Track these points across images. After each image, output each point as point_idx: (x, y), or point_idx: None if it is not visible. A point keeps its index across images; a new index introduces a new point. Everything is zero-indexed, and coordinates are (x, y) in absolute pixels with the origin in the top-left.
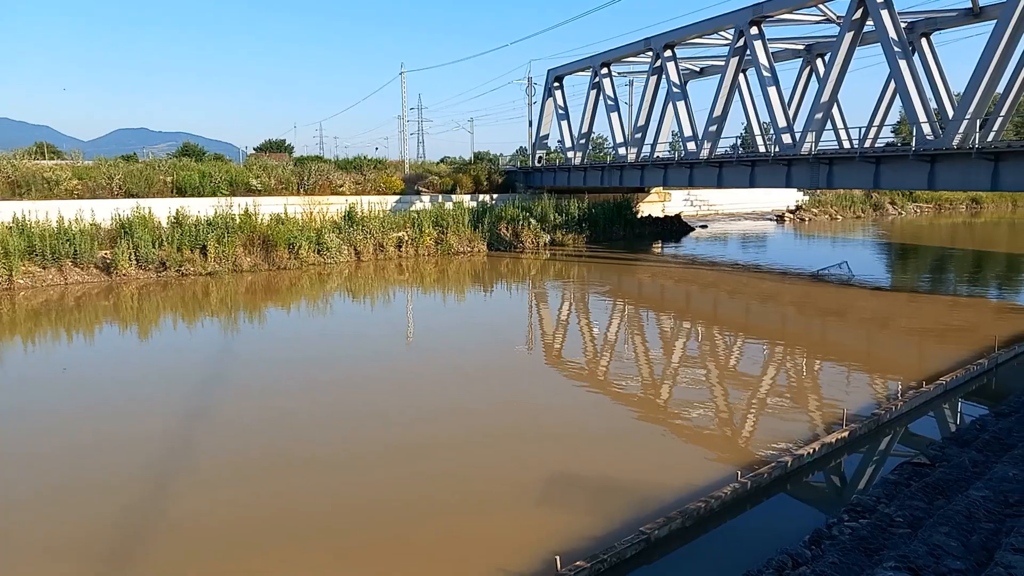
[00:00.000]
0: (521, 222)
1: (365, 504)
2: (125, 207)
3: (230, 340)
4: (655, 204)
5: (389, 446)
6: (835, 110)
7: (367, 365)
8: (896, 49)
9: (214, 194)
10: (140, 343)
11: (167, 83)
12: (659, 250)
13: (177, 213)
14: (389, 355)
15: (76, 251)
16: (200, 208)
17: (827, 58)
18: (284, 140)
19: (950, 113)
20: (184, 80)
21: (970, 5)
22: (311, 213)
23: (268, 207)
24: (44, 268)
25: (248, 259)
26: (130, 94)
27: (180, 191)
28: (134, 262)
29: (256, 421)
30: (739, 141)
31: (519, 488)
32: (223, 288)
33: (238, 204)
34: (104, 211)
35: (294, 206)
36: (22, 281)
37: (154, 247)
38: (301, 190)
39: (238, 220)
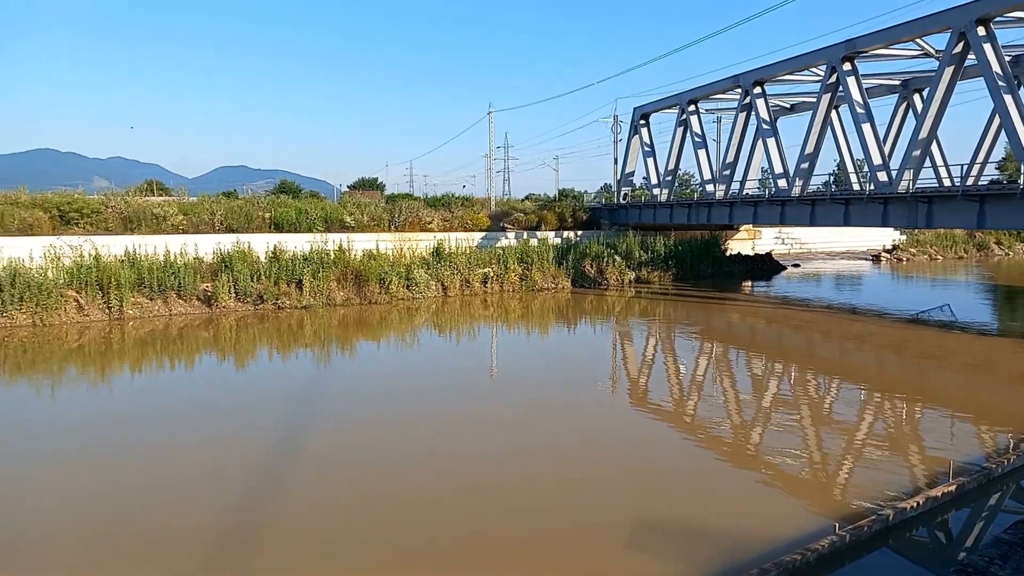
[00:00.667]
0: (606, 259)
1: (451, 543)
2: (226, 242)
3: (322, 372)
4: (744, 242)
5: (472, 484)
6: (934, 147)
7: (451, 401)
8: (1000, 83)
9: (310, 230)
10: (236, 372)
11: (266, 123)
12: (749, 289)
13: (275, 248)
14: (473, 391)
15: (180, 284)
16: (296, 243)
17: (925, 93)
18: (376, 178)
19: None
20: (282, 120)
21: None
22: (401, 249)
23: (361, 243)
24: (151, 299)
25: (341, 293)
26: (231, 134)
27: (277, 227)
28: (233, 295)
29: (347, 455)
30: (832, 178)
31: (606, 530)
32: (317, 321)
33: (332, 240)
34: (206, 245)
35: (385, 242)
36: (131, 311)
37: (252, 281)
38: (392, 226)
39: (332, 255)
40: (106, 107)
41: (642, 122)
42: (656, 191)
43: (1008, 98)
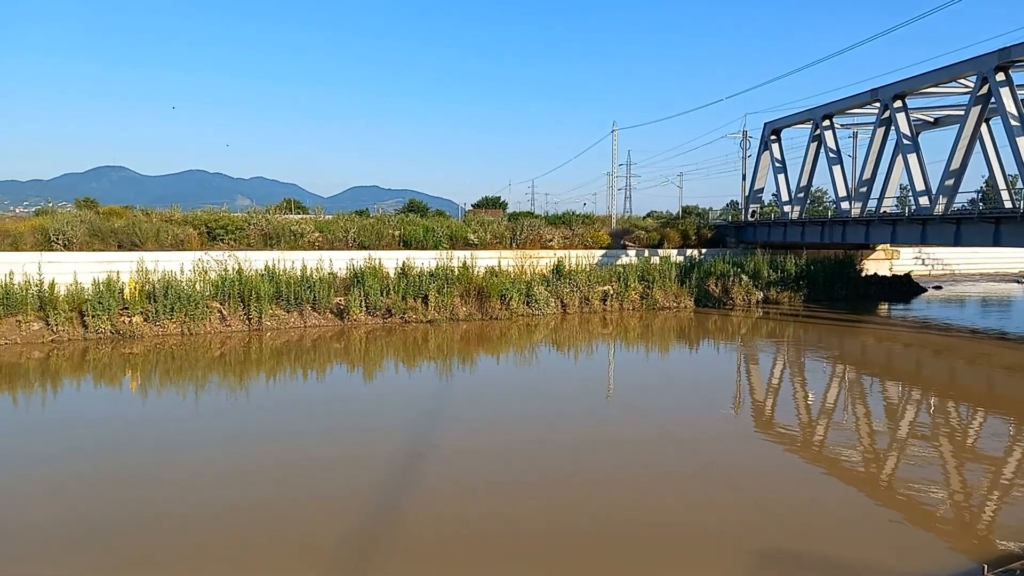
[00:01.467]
0: (731, 278)
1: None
2: (358, 258)
3: (443, 386)
4: (882, 262)
5: (591, 511)
6: None
7: (565, 422)
8: None
9: (436, 247)
10: (364, 382)
11: (397, 145)
12: (885, 312)
13: (403, 264)
14: (589, 412)
15: (315, 297)
16: (423, 260)
17: None
18: (499, 197)
19: None
20: (412, 141)
21: None
22: (522, 266)
23: (483, 260)
24: (288, 312)
25: (464, 308)
26: (364, 155)
27: (406, 244)
28: (363, 309)
29: (450, 481)
30: (980, 196)
31: (732, 563)
32: (441, 335)
33: (457, 257)
34: (340, 261)
35: (507, 259)
36: (269, 323)
37: (381, 295)
38: (514, 244)
39: (456, 272)
40: (250, 129)
41: (772, 137)
42: (786, 208)
43: None
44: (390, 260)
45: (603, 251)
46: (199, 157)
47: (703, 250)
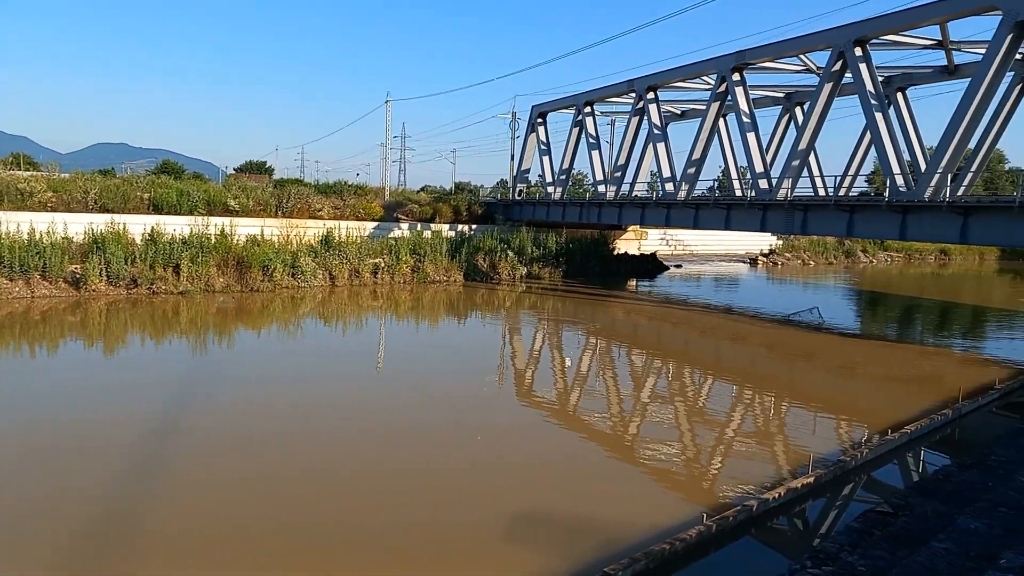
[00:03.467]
0: (499, 253)
1: (322, 533)
2: (99, 222)
3: (197, 360)
4: (632, 242)
5: (353, 472)
6: (812, 158)
7: (334, 390)
8: (873, 102)
9: (191, 213)
10: (104, 359)
11: (150, 98)
12: (634, 287)
13: (152, 230)
14: (358, 380)
15: (46, 264)
16: (176, 226)
17: (806, 107)
18: (265, 162)
19: (923, 166)
20: (167, 96)
21: (946, 63)
22: (288, 236)
23: (245, 228)
24: (11, 280)
25: (221, 279)
26: (111, 107)
27: (157, 208)
28: (104, 278)
29: (218, 444)
30: (716, 184)
31: (482, 522)
32: (194, 308)
33: (215, 224)
34: (78, 225)
35: (271, 228)
36: None
37: (126, 264)
38: (279, 212)
39: (213, 240)
40: None
41: (539, 120)
42: (550, 189)
43: (879, 115)
44: (137, 225)
45: (375, 224)
46: None
47: (473, 226)
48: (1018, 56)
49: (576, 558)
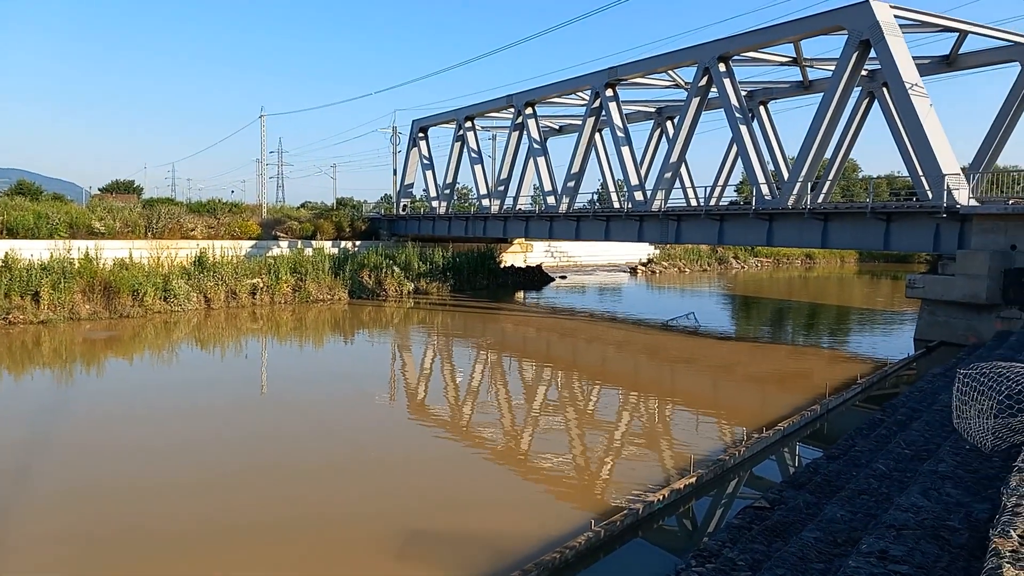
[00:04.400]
0: (384, 270)
1: None
2: None
3: (62, 394)
4: (518, 255)
5: (245, 505)
6: (683, 169)
7: (215, 420)
8: (737, 115)
9: (51, 236)
10: None
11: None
12: (522, 299)
13: (6, 256)
14: (241, 409)
15: None
16: (34, 251)
17: (676, 120)
18: (133, 181)
19: (786, 175)
20: (20, 111)
21: (801, 79)
22: (159, 258)
23: (112, 251)
24: None
25: (87, 306)
26: None
27: (11, 232)
28: None
29: (80, 489)
30: (596, 197)
31: (378, 541)
32: (57, 337)
33: (78, 248)
34: None
35: (140, 250)
36: None
37: None
38: (149, 233)
39: (77, 265)
40: None
41: (420, 135)
42: (435, 204)
43: (743, 128)
44: None
45: (253, 242)
46: None
47: (357, 242)
48: (864, 72)
49: (468, 571)
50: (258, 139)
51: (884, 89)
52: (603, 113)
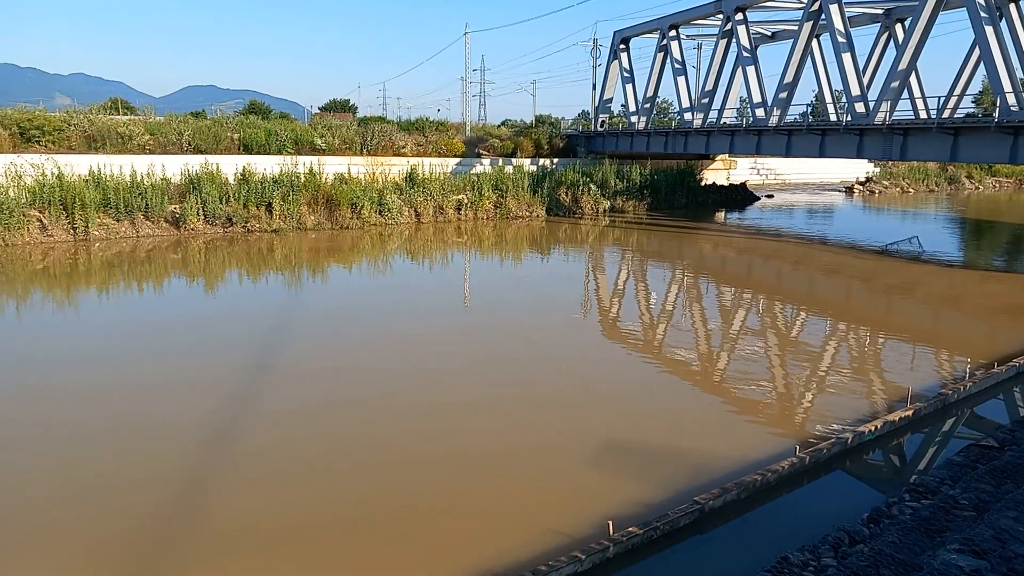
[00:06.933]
0: (581, 187)
1: (414, 462)
2: (194, 163)
3: (293, 296)
4: (720, 172)
5: (440, 403)
6: (913, 78)
7: (423, 324)
8: (982, 15)
9: (280, 152)
10: (207, 295)
11: (235, 40)
12: (722, 219)
13: (244, 170)
14: (445, 315)
15: (148, 205)
16: (266, 166)
17: (907, 23)
18: (348, 100)
19: None
20: (251, 38)
21: None
22: (373, 173)
23: (332, 167)
24: (118, 221)
25: (312, 217)
26: (199, 51)
27: (247, 148)
28: (202, 217)
29: (313, 375)
30: (810, 109)
31: (571, 452)
32: (287, 245)
33: (303, 163)
34: (174, 166)
35: (357, 166)
36: (97, 233)
37: (221, 203)
38: (364, 150)
39: (303, 179)
40: (67, 18)
41: (622, 47)
42: (634, 119)
43: (989, 29)
44: (229, 165)
45: (457, 159)
46: (7, 49)
47: (555, 160)
48: None
49: (667, 487)
50: (462, 58)
51: None
52: (823, 17)
